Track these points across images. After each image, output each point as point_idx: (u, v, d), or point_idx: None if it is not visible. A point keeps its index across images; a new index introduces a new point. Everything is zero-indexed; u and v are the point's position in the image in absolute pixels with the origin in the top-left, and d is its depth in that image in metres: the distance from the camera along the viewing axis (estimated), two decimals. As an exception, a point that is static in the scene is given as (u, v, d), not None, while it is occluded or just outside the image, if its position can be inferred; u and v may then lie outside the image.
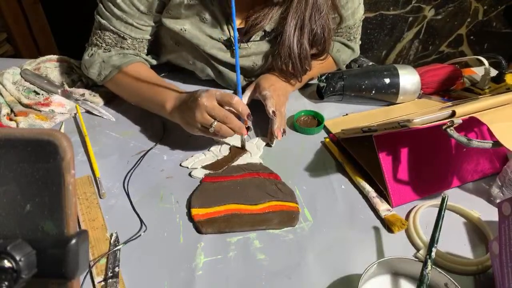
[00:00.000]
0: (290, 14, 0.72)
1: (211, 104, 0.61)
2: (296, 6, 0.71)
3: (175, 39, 0.79)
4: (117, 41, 0.76)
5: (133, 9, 0.72)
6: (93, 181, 0.64)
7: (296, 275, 0.51)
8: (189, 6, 0.72)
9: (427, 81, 0.84)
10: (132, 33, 0.75)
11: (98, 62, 0.76)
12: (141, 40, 0.78)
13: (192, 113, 0.62)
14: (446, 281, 0.45)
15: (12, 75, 0.82)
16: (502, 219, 0.46)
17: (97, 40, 0.77)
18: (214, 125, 0.62)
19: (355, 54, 0.93)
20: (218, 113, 0.62)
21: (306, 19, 0.72)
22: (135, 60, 0.77)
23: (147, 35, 0.78)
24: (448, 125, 0.52)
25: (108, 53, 0.77)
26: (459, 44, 2.08)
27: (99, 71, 0.77)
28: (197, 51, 0.79)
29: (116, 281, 0.49)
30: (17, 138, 0.29)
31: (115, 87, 0.79)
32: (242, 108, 0.63)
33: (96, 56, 0.77)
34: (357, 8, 0.83)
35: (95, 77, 0.78)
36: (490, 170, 0.67)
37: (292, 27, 0.73)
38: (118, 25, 0.74)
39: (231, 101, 0.63)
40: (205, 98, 0.61)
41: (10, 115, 0.76)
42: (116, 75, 0.76)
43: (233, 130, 0.64)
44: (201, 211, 0.58)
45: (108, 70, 0.76)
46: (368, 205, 0.61)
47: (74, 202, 0.30)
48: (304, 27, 0.73)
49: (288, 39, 0.73)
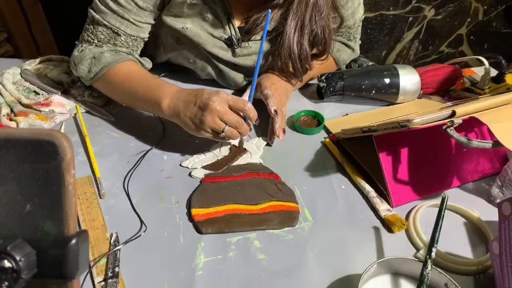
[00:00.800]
0: (290, 15, 0.72)
1: (224, 110, 0.61)
2: (297, 7, 0.71)
3: (175, 38, 0.79)
4: (110, 37, 0.73)
5: (131, 4, 0.70)
6: (93, 181, 0.64)
7: (296, 275, 0.51)
8: (192, 5, 0.71)
9: (427, 81, 0.84)
10: (127, 30, 0.73)
11: (89, 58, 0.73)
12: (135, 38, 0.75)
13: (203, 117, 0.60)
14: (446, 281, 0.45)
15: (12, 75, 0.82)
16: (502, 219, 0.46)
17: (88, 36, 0.74)
18: (226, 130, 0.62)
19: (355, 54, 0.93)
20: (231, 119, 0.61)
21: (306, 20, 0.72)
22: (128, 58, 0.74)
23: (142, 33, 0.76)
24: (448, 125, 0.52)
25: (99, 48, 0.74)
26: (459, 44, 2.08)
27: (89, 67, 0.73)
28: (198, 49, 0.78)
29: (116, 281, 0.49)
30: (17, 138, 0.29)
31: (106, 85, 0.75)
32: (253, 114, 0.64)
33: (86, 52, 0.73)
34: (357, 8, 0.83)
35: (85, 74, 0.74)
36: (490, 170, 0.67)
37: (292, 28, 0.72)
38: (113, 20, 0.71)
39: (244, 107, 0.63)
40: (217, 103, 0.60)
41: (10, 115, 0.76)
42: (107, 73, 0.72)
43: (240, 134, 0.65)
44: (201, 211, 0.58)
45: (98, 67, 0.72)
46: (368, 205, 0.61)
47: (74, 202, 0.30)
48: (304, 28, 0.73)
49: (288, 39, 0.73)
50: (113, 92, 0.75)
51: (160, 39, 0.82)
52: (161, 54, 0.86)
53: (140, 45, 0.78)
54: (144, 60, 0.79)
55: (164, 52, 0.85)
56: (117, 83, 0.72)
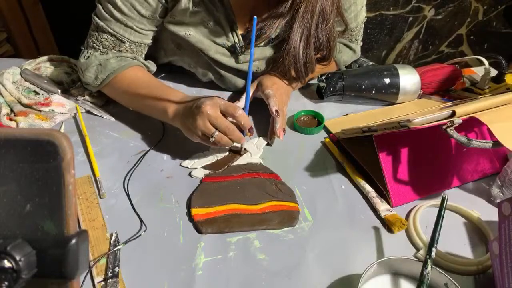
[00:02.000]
0: (296, 23, 0.71)
1: (215, 114, 0.60)
2: (302, 15, 0.70)
3: (176, 43, 0.79)
4: (115, 44, 0.74)
5: (134, 13, 0.70)
6: (93, 181, 0.64)
7: (296, 275, 0.51)
8: (195, 12, 0.71)
9: (427, 81, 0.84)
10: (131, 37, 0.74)
11: (95, 65, 0.74)
12: (139, 44, 0.76)
13: (194, 120, 0.61)
14: (446, 281, 0.45)
15: (12, 75, 0.82)
16: (502, 219, 0.46)
17: (93, 43, 0.75)
18: (215, 135, 0.61)
19: (356, 55, 0.93)
20: (221, 124, 0.61)
21: (312, 28, 0.72)
22: (133, 64, 0.75)
23: (147, 40, 0.76)
24: (448, 125, 0.52)
25: (105, 55, 0.75)
26: (459, 44, 2.08)
27: (96, 74, 0.74)
28: (199, 55, 0.78)
29: (116, 281, 0.49)
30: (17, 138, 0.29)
31: (113, 91, 0.77)
32: (245, 122, 0.63)
33: (92, 59, 0.74)
34: (359, 11, 0.83)
35: (92, 81, 0.75)
36: (490, 170, 0.67)
37: (298, 36, 0.72)
38: (117, 28, 0.72)
39: (234, 113, 0.61)
40: (209, 106, 0.60)
41: (10, 115, 0.76)
42: (114, 79, 0.74)
43: (232, 141, 0.63)
44: (201, 211, 0.58)
45: (105, 74, 0.73)
46: (368, 205, 0.61)
47: (74, 202, 0.30)
48: (310, 37, 0.72)
49: (294, 48, 0.73)
50: (120, 98, 0.77)
51: (160, 43, 0.82)
52: (162, 57, 0.86)
53: (144, 50, 0.79)
54: (149, 63, 0.80)
55: (165, 55, 0.85)
56: (124, 90, 0.74)
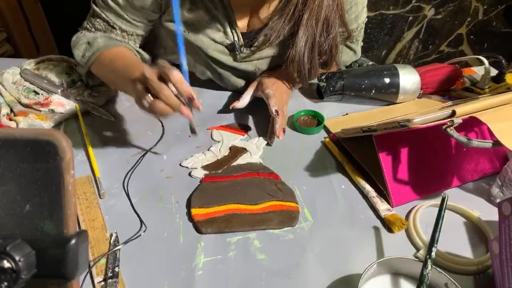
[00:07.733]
0: (301, 30, 0.70)
1: (150, 76, 0.55)
2: (307, 22, 0.70)
3: (175, 41, 0.79)
4: (106, 29, 0.74)
5: (126, 2, 0.71)
6: (93, 181, 0.64)
7: (296, 275, 0.51)
8: (193, 10, 0.71)
9: (427, 80, 0.84)
10: (123, 25, 0.74)
11: (83, 42, 0.74)
12: (131, 33, 0.76)
13: (132, 83, 0.58)
14: (446, 281, 0.45)
15: (12, 75, 0.82)
16: (502, 219, 0.46)
17: (87, 24, 0.76)
18: (147, 98, 0.55)
19: (356, 55, 0.93)
20: (152, 85, 0.55)
21: (317, 36, 0.71)
22: (120, 44, 0.74)
23: (139, 30, 0.76)
24: (448, 125, 0.52)
25: (93, 34, 0.75)
26: (459, 44, 2.08)
27: (83, 52, 0.74)
28: (198, 54, 0.78)
29: (116, 281, 0.49)
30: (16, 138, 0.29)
31: (99, 68, 0.74)
32: (181, 88, 0.54)
33: (81, 37, 0.75)
34: (360, 12, 0.83)
35: (79, 59, 0.74)
36: (490, 170, 0.67)
37: (303, 43, 0.71)
38: (110, 15, 0.73)
39: (170, 76, 0.54)
40: (147, 69, 0.55)
41: (10, 115, 0.76)
42: (99, 56, 0.72)
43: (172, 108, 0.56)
44: (201, 211, 0.58)
45: (91, 52, 0.72)
46: (368, 205, 0.61)
47: (74, 202, 0.30)
48: (315, 45, 0.72)
49: (299, 55, 0.72)
50: (106, 74, 0.74)
51: (160, 41, 0.82)
52: (162, 54, 0.86)
53: (137, 40, 0.78)
54: (142, 51, 0.78)
55: (164, 53, 0.85)
56: (106, 65, 0.71)
